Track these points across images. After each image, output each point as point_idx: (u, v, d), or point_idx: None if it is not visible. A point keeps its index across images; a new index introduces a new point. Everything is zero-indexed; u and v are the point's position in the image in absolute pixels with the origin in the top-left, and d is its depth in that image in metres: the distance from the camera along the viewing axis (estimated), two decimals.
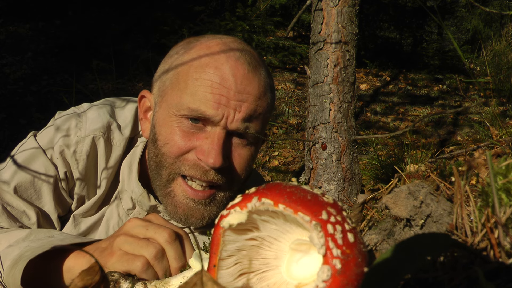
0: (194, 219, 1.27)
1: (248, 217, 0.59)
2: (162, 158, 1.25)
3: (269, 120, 1.43)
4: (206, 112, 1.18)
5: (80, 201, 1.41)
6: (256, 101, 1.23)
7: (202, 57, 1.22)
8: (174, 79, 1.26)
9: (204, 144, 1.20)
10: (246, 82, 1.21)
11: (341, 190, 2.69)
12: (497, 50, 7.83)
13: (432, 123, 6.20)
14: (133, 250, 1.00)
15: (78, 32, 7.42)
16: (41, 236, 1.12)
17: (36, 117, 5.75)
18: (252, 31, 7.12)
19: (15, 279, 1.00)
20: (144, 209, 1.39)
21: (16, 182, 1.28)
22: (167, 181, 1.26)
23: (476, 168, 0.83)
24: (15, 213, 1.28)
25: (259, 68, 1.26)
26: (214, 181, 1.24)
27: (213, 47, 1.24)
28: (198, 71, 1.21)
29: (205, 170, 1.22)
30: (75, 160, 1.33)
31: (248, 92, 1.21)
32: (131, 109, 1.45)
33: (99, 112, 1.38)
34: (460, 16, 11.31)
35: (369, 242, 0.87)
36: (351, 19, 2.58)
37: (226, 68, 1.19)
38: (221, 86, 1.18)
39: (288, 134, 5.79)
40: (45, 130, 1.38)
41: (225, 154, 1.21)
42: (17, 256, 1.04)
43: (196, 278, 0.53)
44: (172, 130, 1.23)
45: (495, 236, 0.65)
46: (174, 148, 1.22)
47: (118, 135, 1.38)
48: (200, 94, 1.19)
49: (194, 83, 1.20)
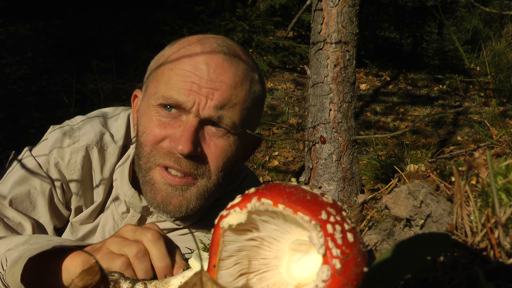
0: (172, 206, 1.27)
1: (247, 218, 0.59)
2: (140, 148, 1.28)
3: (259, 117, 1.42)
4: (178, 99, 1.20)
5: (78, 211, 1.43)
6: (231, 90, 1.23)
7: (180, 50, 1.26)
8: (154, 72, 1.30)
9: (177, 132, 1.22)
10: (220, 71, 1.22)
11: (341, 190, 2.69)
12: (497, 50, 7.83)
13: (432, 123, 6.20)
14: (118, 249, 1.02)
15: (78, 32, 7.42)
16: (40, 240, 1.15)
17: (36, 117, 5.75)
18: (252, 31, 7.12)
19: (15, 277, 1.02)
20: (137, 211, 1.40)
21: (12, 195, 1.31)
22: (145, 170, 1.28)
23: (476, 168, 0.83)
24: (12, 224, 1.30)
25: (236, 59, 1.26)
26: (187, 169, 1.24)
27: (192, 40, 1.28)
28: (173, 62, 1.24)
29: (177, 158, 1.23)
30: (70, 171, 1.36)
31: (221, 81, 1.22)
32: (124, 118, 1.48)
33: (91, 123, 1.41)
34: (460, 16, 11.31)
35: (369, 242, 0.87)
36: (351, 19, 2.58)
37: (200, 58, 1.22)
38: (193, 74, 1.21)
39: (288, 134, 5.79)
40: (40, 144, 1.41)
41: (196, 141, 1.22)
42: (17, 256, 1.06)
43: (196, 278, 0.53)
44: (150, 119, 1.26)
45: (495, 236, 0.65)
46: (150, 137, 1.25)
47: (112, 144, 1.41)
48: (173, 82, 1.22)
49: (169, 73, 1.24)
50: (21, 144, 1.47)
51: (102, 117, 1.46)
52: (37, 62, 6.91)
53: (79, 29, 7.52)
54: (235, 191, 1.49)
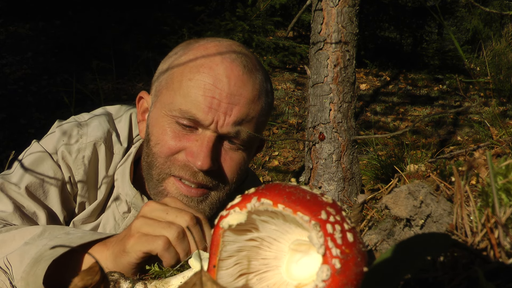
0: None
1: (247, 218, 0.59)
2: (153, 158, 1.26)
3: (266, 124, 1.42)
4: (196, 115, 1.18)
5: (81, 207, 1.43)
6: (249, 104, 1.22)
7: (198, 58, 1.22)
8: (169, 79, 1.26)
9: (194, 146, 1.20)
10: (240, 84, 1.20)
11: (341, 190, 2.69)
12: (497, 50, 7.82)
13: (432, 123, 6.20)
14: (153, 231, 1.02)
15: (78, 32, 7.42)
16: (57, 233, 1.12)
17: (36, 117, 5.75)
18: (252, 31, 7.11)
19: (37, 277, 1.00)
20: (138, 211, 1.39)
21: (26, 183, 1.30)
22: (158, 181, 1.27)
23: (476, 168, 0.83)
24: (27, 213, 1.30)
25: (255, 72, 1.25)
26: (203, 182, 1.24)
27: (210, 48, 1.24)
28: (192, 72, 1.20)
29: (194, 172, 1.22)
30: (77, 166, 1.35)
31: (240, 94, 1.20)
32: (126, 119, 1.47)
33: (99, 120, 1.40)
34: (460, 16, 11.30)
35: (369, 242, 0.87)
36: (351, 19, 2.58)
37: (221, 69, 1.19)
38: (214, 87, 1.17)
39: (288, 134, 5.79)
40: (48, 136, 1.40)
41: (214, 157, 1.21)
42: (37, 254, 1.04)
43: (196, 278, 0.53)
44: (163, 130, 1.24)
45: (495, 236, 0.65)
46: (165, 148, 1.23)
47: (118, 144, 1.41)
48: (192, 95, 1.18)
49: (187, 84, 1.20)
50: (21, 144, 1.47)
51: (109, 116, 1.45)
52: (37, 62, 6.91)
53: (79, 29, 7.52)
54: (236, 191, 1.50)
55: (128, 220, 1.41)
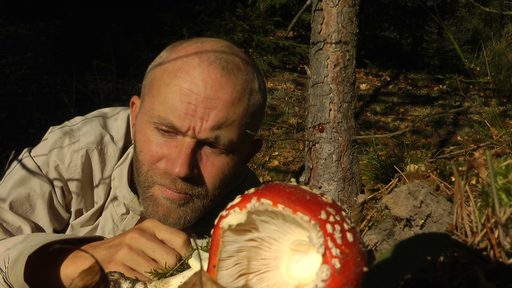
0: (171, 219, 1.27)
1: (247, 218, 0.59)
2: (139, 165, 1.26)
3: (260, 124, 1.37)
4: (173, 122, 1.16)
5: (78, 214, 1.43)
6: (228, 108, 1.17)
7: (177, 61, 1.19)
8: (150, 84, 1.24)
9: (173, 153, 1.18)
10: (217, 87, 1.15)
11: (341, 190, 2.69)
12: (497, 50, 7.82)
13: (432, 123, 6.20)
14: (136, 267, 1.06)
15: (78, 32, 7.42)
16: (38, 237, 1.15)
17: (36, 117, 5.75)
18: (252, 31, 7.11)
19: (18, 276, 1.01)
20: (137, 214, 1.40)
21: (12, 198, 1.30)
22: (145, 187, 1.26)
23: (476, 168, 0.82)
24: (11, 229, 1.30)
25: (236, 72, 1.19)
26: (183, 189, 1.22)
27: (190, 50, 1.20)
28: (170, 76, 1.18)
29: (173, 179, 1.20)
30: (70, 174, 1.35)
31: (218, 98, 1.15)
32: (124, 119, 1.46)
33: (91, 125, 1.39)
34: (460, 16, 11.31)
35: (369, 242, 0.87)
36: (351, 19, 2.58)
37: (197, 73, 1.15)
38: (190, 92, 1.14)
39: (288, 134, 5.79)
40: (39, 145, 1.40)
41: (193, 164, 1.18)
42: (17, 255, 1.06)
43: (196, 278, 0.53)
44: (146, 138, 1.22)
45: (495, 236, 0.65)
46: (147, 156, 1.22)
47: (112, 146, 1.39)
48: (169, 102, 1.16)
49: (165, 90, 1.17)
50: (21, 144, 1.47)
51: (102, 118, 1.44)
52: (37, 62, 6.91)
53: (79, 29, 7.52)
54: (236, 191, 1.49)
55: (127, 222, 1.41)
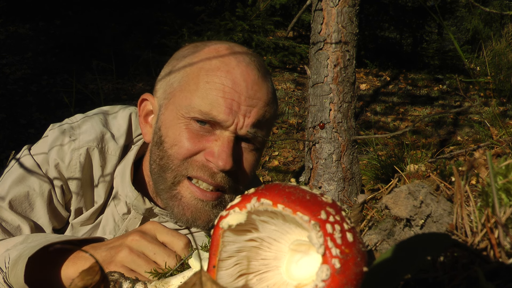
0: (201, 221, 1.27)
1: (247, 218, 0.59)
2: (168, 160, 1.25)
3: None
4: (217, 117, 1.19)
5: (77, 213, 1.42)
6: (265, 107, 1.26)
7: (212, 60, 1.24)
8: (183, 81, 1.26)
9: (214, 146, 1.21)
10: (256, 88, 1.23)
11: (341, 190, 2.69)
12: (497, 50, 7.82)
13: (432, 123, 6.20)
14: (136, 269, 1.06)
15: (78, 32, 7.43)
16: (38, 238, 1.14)
17: (36, 117, 5.75)
18: (252, 31, 7.11)
19: (18, 277, 1.01)
20: (139, 213, 1.39)
21: (11, 197, 1.29)
22: (172, 184, 1.26)
23: (476, 168, 0.82)
24: (10, 228, 1.29)
25: (267, 76, 1.30)
26: (221, 183, 1.24)
27: (222, 51, 1.26)
28: (209, 74, 1.22)
29: (213, 172, 1.22)
30: (70, 172, 1.34)
31: (258, 98, 1.24)
32: (125, 117, 1.45)
33: (92, 123, 1.38)
34: (460, 16, 11.31)
35: (369, 242, 0.87)
36: (351, 19, 2.58)
37: (238, 73, 1.22)
38: (233, 90, 1.20)
39: (288, 134, 5.79)
40: (39, 143, 1.39)
41: (235, 158, 1.23)
42: (17, 256, 1.05)
43: (196, 278, 0.52)
44: (180, 131, 1.23)
45: (495, 236, 0.65)
46: (183, 150, 1.22)
47: (113, 144, 1.39)
48: (212, 97, 1.20)
49: (205, 86, 1.21)
50: (21, 144, 1.46)
51: (102, 115, 1.43)
52: (37, 62, 6.91)
53: (79, 29, 7.52)
54: None
55: (128, 222, 1.41)
